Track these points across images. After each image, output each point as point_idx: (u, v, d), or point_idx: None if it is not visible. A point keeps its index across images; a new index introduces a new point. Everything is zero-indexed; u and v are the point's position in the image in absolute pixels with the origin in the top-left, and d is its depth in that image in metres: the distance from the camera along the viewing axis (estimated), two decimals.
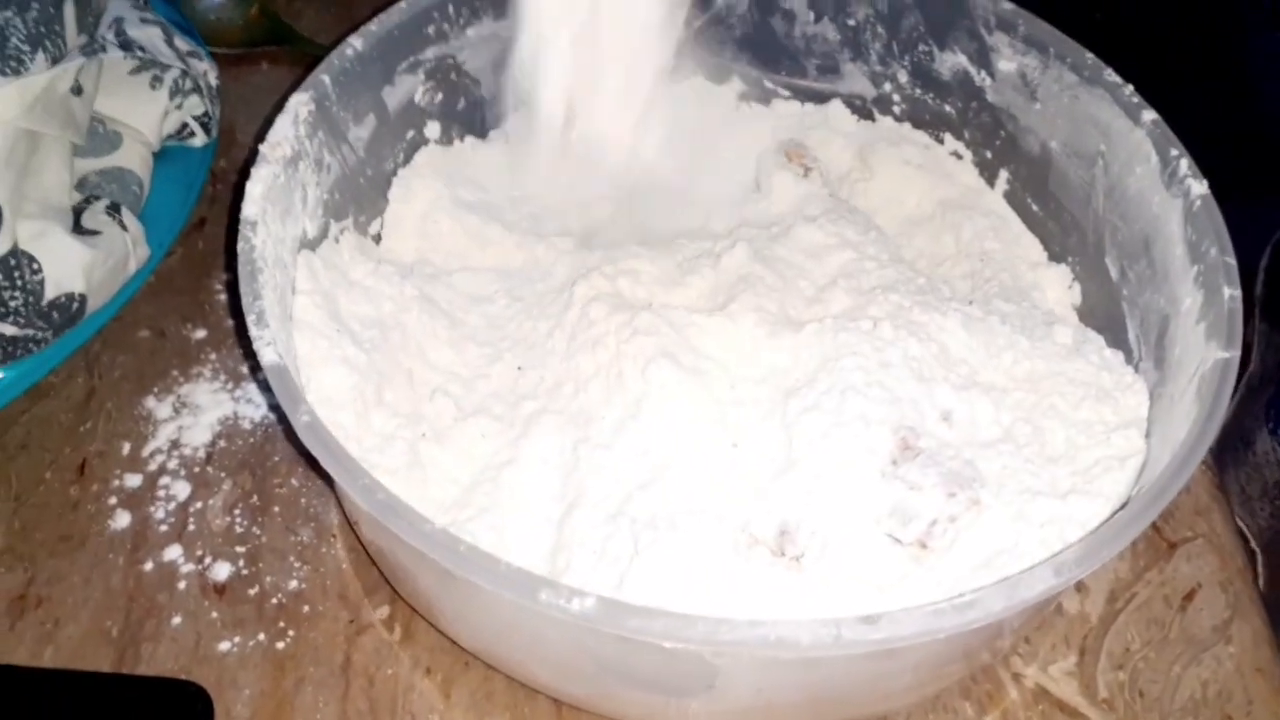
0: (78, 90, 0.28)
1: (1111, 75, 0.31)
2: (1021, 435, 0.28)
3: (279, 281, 0.27)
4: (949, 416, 0.28)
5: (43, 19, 0.27)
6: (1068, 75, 0.33)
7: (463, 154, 0.38)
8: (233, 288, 0.37)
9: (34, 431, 0.33)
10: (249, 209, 0.27)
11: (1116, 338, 0.32)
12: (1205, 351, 0.25)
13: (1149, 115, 0.30)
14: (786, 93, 0.40)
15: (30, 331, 0.28)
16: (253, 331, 0.24)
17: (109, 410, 0.34)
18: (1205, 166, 0.29)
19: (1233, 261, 0.27)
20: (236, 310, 0.36)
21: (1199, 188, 0.28)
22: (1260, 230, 0.58)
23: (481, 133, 0.38)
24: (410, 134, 0.36)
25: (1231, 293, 0.26)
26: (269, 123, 0.30)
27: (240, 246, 0.25)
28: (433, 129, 0.37)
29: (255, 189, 0.27)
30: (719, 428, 0.28)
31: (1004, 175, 0.37)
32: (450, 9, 0.34)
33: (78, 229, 0.29)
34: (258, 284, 0.25)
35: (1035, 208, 0.36)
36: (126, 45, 0.30)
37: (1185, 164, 0.29)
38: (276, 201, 0.28)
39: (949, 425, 0.28)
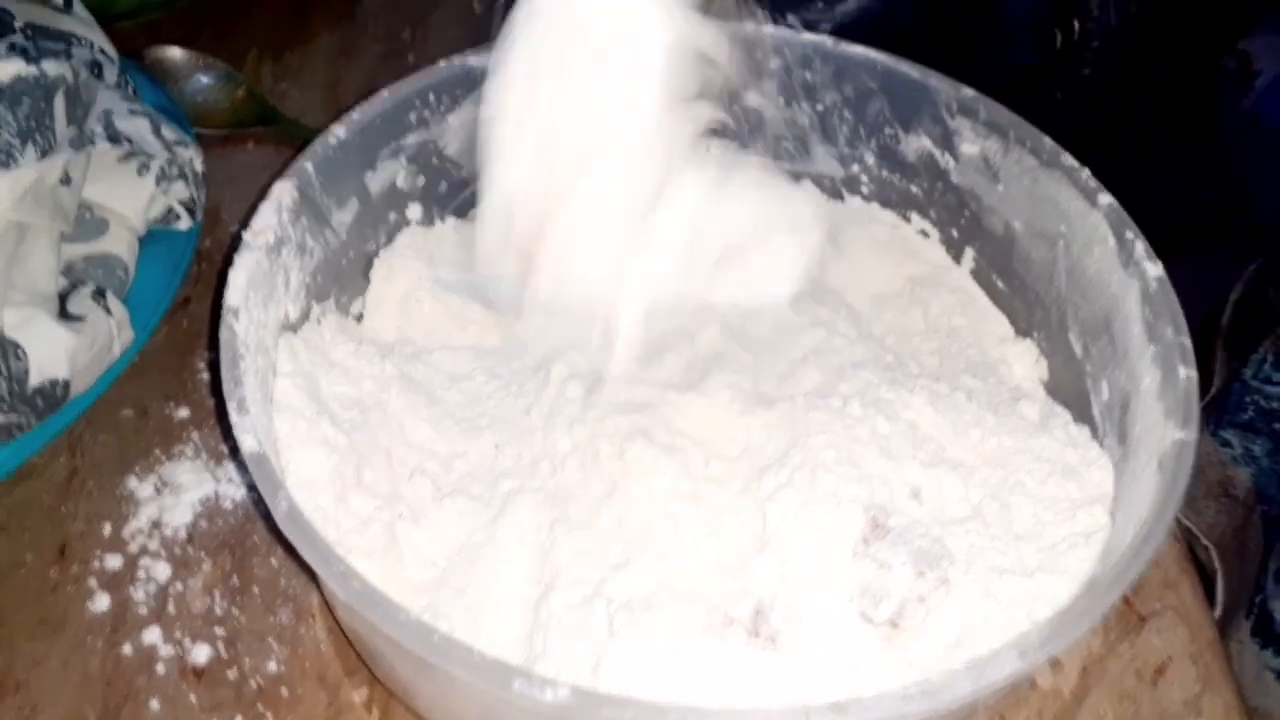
0: (66, 180, 0.29)
1: (1069, 159, 0.33)
2: (989, 512, 0.29)
3: (260, 366, 0.28)
4: (918, 494, 0.29)
5: (33, 114, 0.27)
6: (1027, 159, 0.34)
7: (444, 234, 0.38)
8: (215, 368, 0.37)
9: (15, 513, 0.33)
10: (232, 296, 0.28)
11: (1082, 413, 0.33)
12: (1164, 430, 0.26)
13: (1105, 199, 0.31)
14: (759, 170, 0.41)
15: (14, 418, 0.28)
16: (233, 419, 0.24)
17: (90, 490, 0.34)
18: (1177, 220, 0.30)
19: (1188, 343, 0.27)
20: (219, 389, 0.37)
21: (1154, 269, 0.29)
22: (1224, 273, 0.60)
23: (462, 213, 0.39)
24: (392, 216, 0.37)
25: (1187, 373, 0.27)
26: (253, 208, 0.30)
27: (223, 334, 0.26)
28: (414, 210, 0.37)
29: (238, 276, 0.28)
30: (694, 506, 0.28)
31: (970, 253, 0.38)
32: (431, 97, 0.36)
33: (63, 314, 0.29)
34: (239, 370, 0.25)
35: (1001, 284, 0.37)
36: (115, 138, 0.31)
37: (1140, 246, 0.30)
38: (259, 287, 0.29)
39: (918, 502, 0.28)
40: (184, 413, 0.36)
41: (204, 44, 0.51)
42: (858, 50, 0.37)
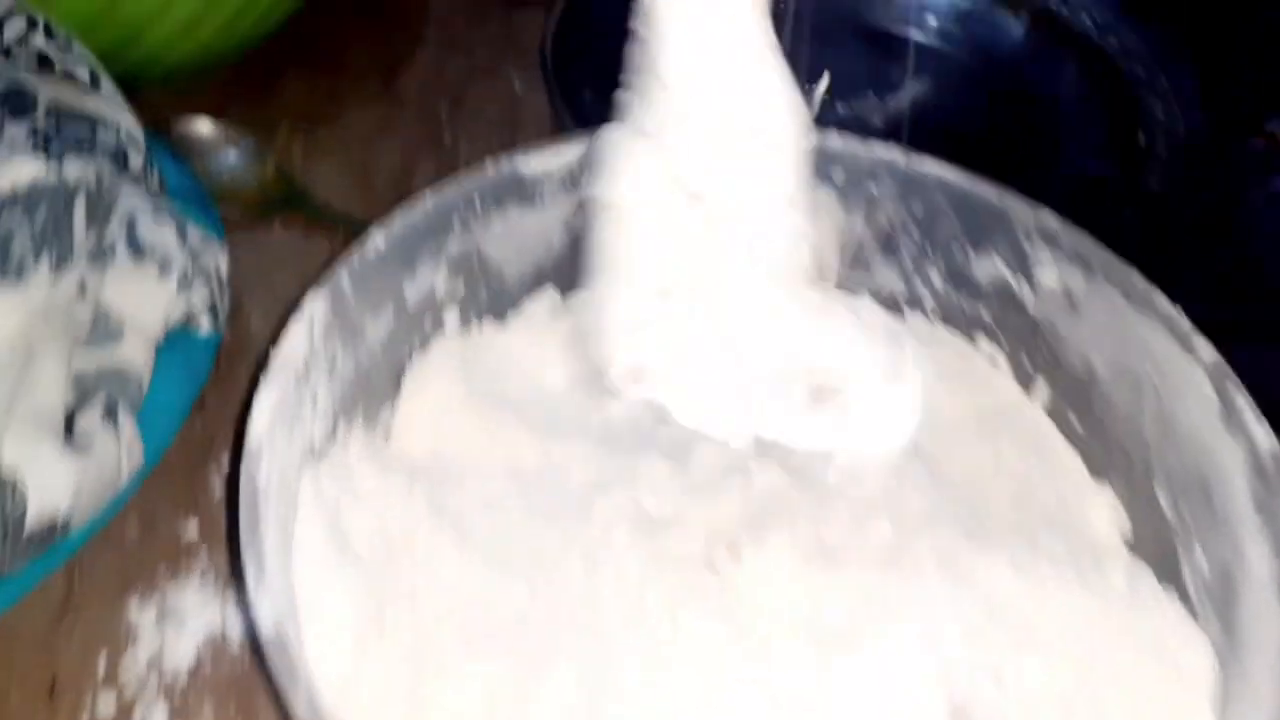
0: (81, 289, 0.27)
1: (1164, 303, 0.30)
2: (1079, 701, 0.26)
3: (280, 511, 0.25)
4: (1001, 679, 0.26)
5: (50, 222, 0.25)
6: (1115, 297, 0.31)
7: (480, 341, 0.36)
8: (231, 482, 0.35)
9: (1, 642, 0.30)
10: (255, 436, 0.25)
11: (1169, 573, 0.30)
12: None
13: (1207, 351, 0.29)
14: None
15: (3, 564, 0.26)
16: (250, 589, 0.22)
17: (86, 617, 0.31)
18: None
19: None
20: (233, 503, 0.34)
21: (1267, 439, 0.27)
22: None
23: (501, 315, 0.37)
24: (428, 323, 0.34)
25: None
26: (283, 322, 0.28)
27: (243, 485, 0.24)
28: (451, 316, 0.35)
29: (263, 412, 0.26)
30: (753, 686, 0.25)
31: (1043, 385, 0.35)
32: (476, 200, 0.33)
33: (69, 433, 0.27)
34: (259, 532, 0.23)
35: (1077, 424, 0.34)
36: (138, 249, 0.29)
37: (1249, 410, 0.27)
38: (285, 419, 0.26)
39: (1002, 689, 0.26)
40: (193, 527, 0.34)
41: (234, 114, 0.49)
42: (929, 167, 0.35)
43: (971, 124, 0.52)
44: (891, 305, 0.38)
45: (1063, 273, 0.33)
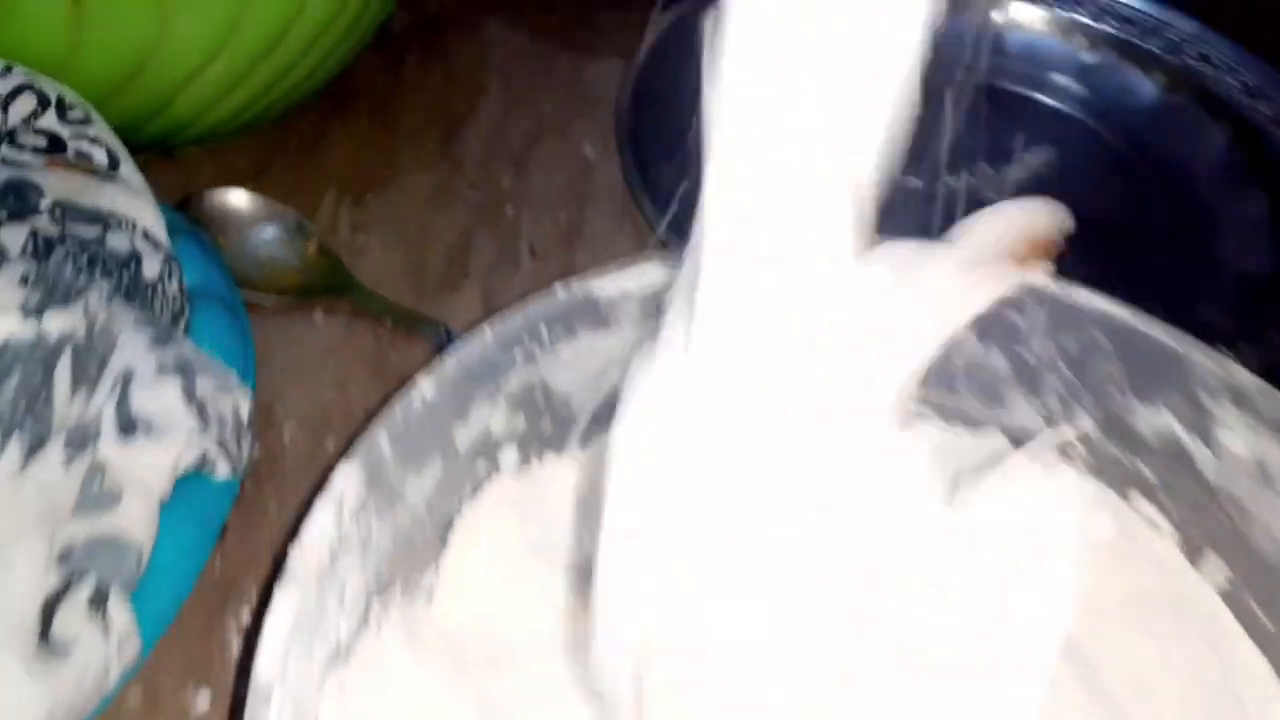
0: (65, 464, 0.22)
1: None
2: None
3: None
4: None
5: (23, 391, 0.21)
6: None
7: (538, 480, 0.31)
8: (249, 640, 0.30)
9: None
10: (265, 662, 0.20)
11: None
12: None
13: None
14: (933, 413, 0.33)
15: None
16: None
17: None
18: None
19: None
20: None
21: None
22: None
23: (566, 449, 0.32)
24: (481, 467, 0.29)
25: None
26: (306, 505, 0.23)
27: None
28: (509, 457, 0.30)
29: (277, 630, 0.21)
30: None
31: (1219, 564, 0.29)
32: (543, 329, 0.28)
33: (45, 637, 0.22)
34: None
35: (1265, 620, 0.28)
36: (128, 426, 0.24)
37: None
38: (304, 629, 0.22)
39: None
40: (204, 699, 0.29)
41: (275, 178, 0.44)
42: (1088, 299, 0.29)
43: (1100, 204, 0.46)
44: (1031, 454, 0.32)
45: (1255, 441, 0.27)
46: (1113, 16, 0.51)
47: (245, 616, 0.31)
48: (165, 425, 0.24)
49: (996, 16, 0.52)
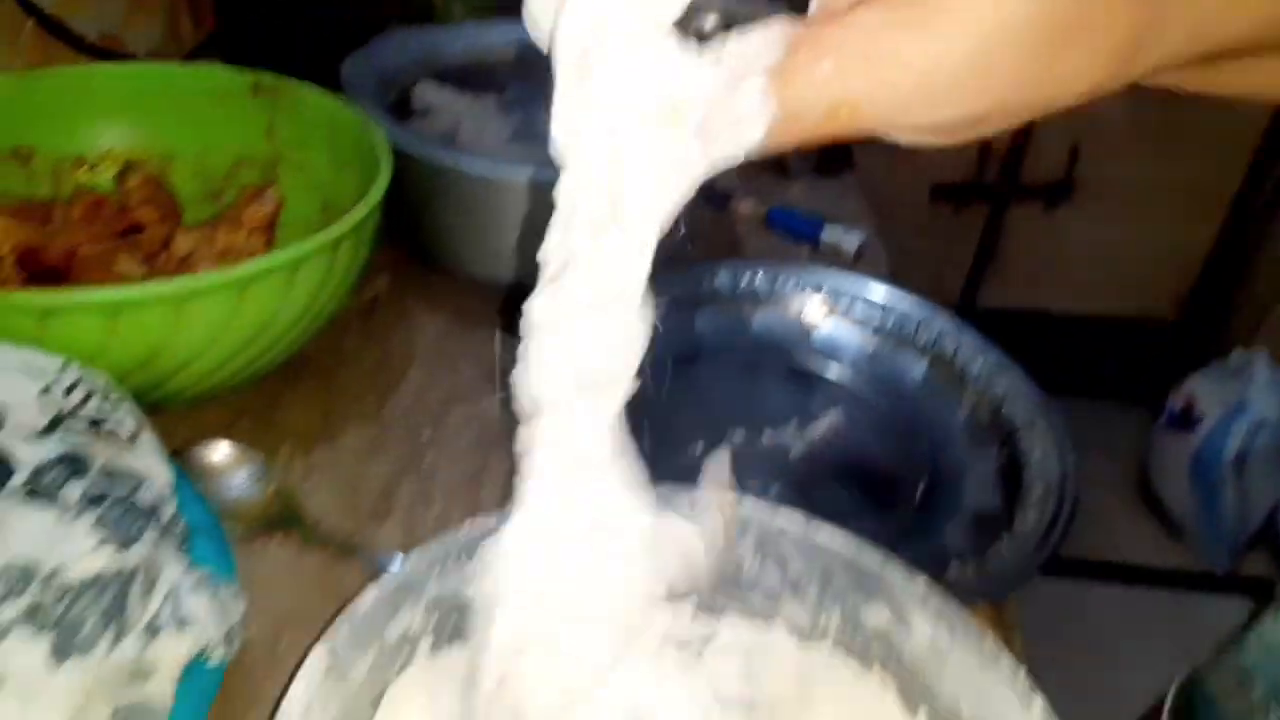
0: (131, 654, 0.33)
1: (1007, 660, 0.37)
2: None
3: None
4: None
5: (114, 604, 0.32)
6: (971, 653, 0.38)
7: (448, 663, 0.42)
8: None
9: None
10: None
11: None
12: None
13: (1038, 702, 0.36)
14: (736, 610, 0.45)
15: None
16: None
17: None
18: None
19: None
20: None
21: None
22: None
23: (464, 640, 0.43)
24: (404, 653, 0.41)
25: None
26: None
27: None
28: (424, 645, 0.41)
29: None
30: None
31: (924, 712, 0.42)
32: (459, 554, 0.40)
33: None
34: None
35: None
36: (180, 621, 0.35)
37: None
38: None
39: None
40: None
41: (242, 432, 0.57)
42: (824, 534, 0.42)
43: (880, 454, 0.61)
44: (803, 636, 0.45)
45: (932, 629, 0.40)
46: (892, 314, 0.69)
47: None
48: (200, 622, 0.35)
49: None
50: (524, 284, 0.37)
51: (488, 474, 0.57)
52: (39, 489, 0.38)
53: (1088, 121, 2.04)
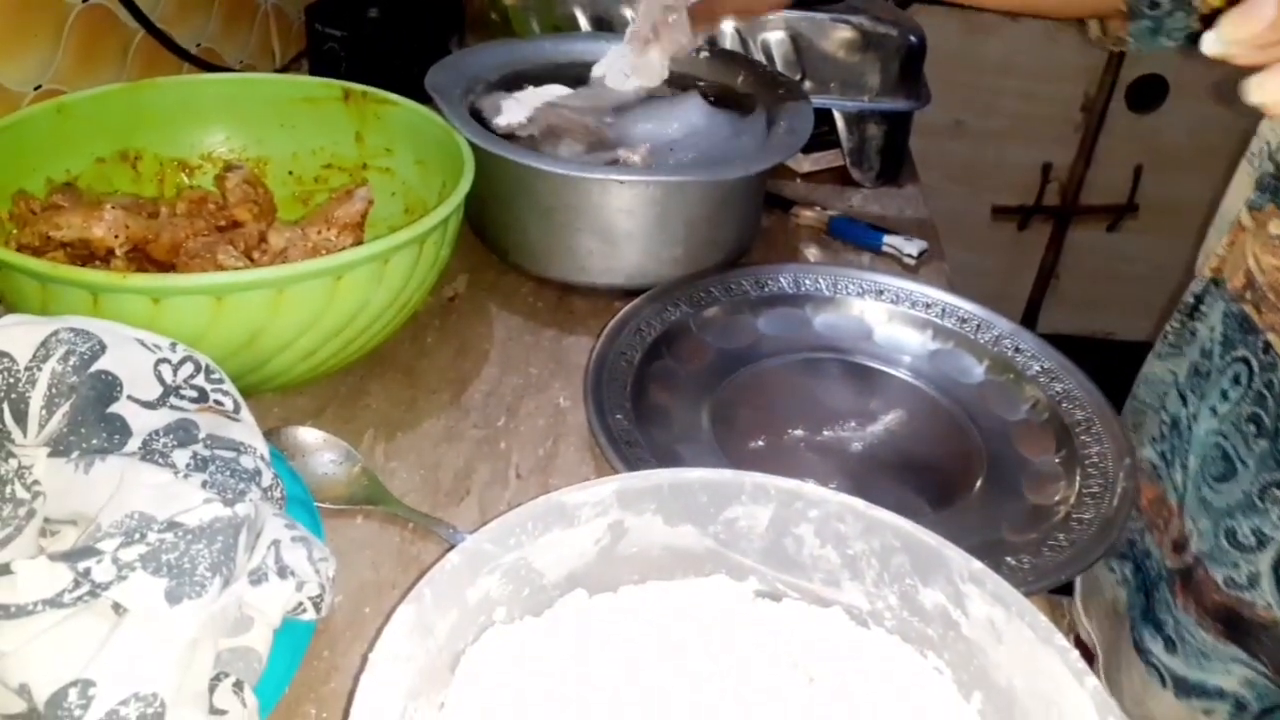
0: (237, 599, 0.36)
1: (1060, 640, 0.39)
2: None
3: None
4: None
5: (224, 550, 0.35)
6: (1026, 631, 0.40)
7: (523, 631, 0.45)
8: None
9: None
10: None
11: None
12: None
13: (1090, 681, 0.37)
14: (796, 594, 0.47)
15: None
16: None
17: None
18: None
19: None
20: None
21: None
22: None
23: (538, 612, 0.45)
24: (481, 619, 0.43)
25: None
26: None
27: None
28: (500, 613, 0.44)
29: (365, 701, 0.34)
30: None
31: (978, 696, 0.43)
32: (530, 524, 0.43)
33: (211, 710, 0.35)
34: None
35: None
36: (284, 573, 0.38)
37: None
38: (377, 703, 0.35)
39: None
40: None
41: (329, 419, 0.60)
42: (885, 515, 0.44)
43: (939, 450, 0.62)
44: (859, 620, 0.46)
45: (988, 608, 0.41)
46: (953, 316, 0.70)
47: (310, 712, 0.43)
48: (298, 573, 0.38)
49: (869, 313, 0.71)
50: (595, 286, 0.40)
51: (558, 459, 0.59)
52: (152, 452, 0.41)
53: (1151, 143, 2.02)
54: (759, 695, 0.43)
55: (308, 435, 0.56)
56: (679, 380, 0.65)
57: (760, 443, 0.62)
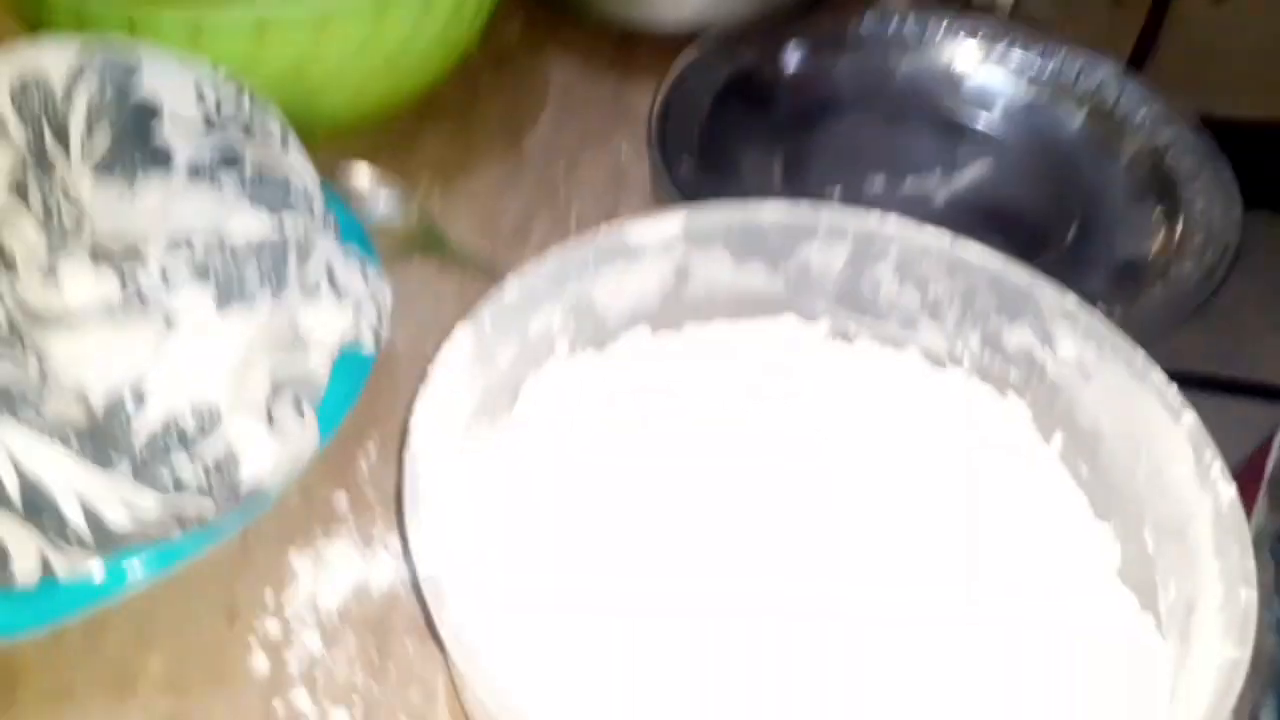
0: (289, 314, 0.35)
1: (1158, 375, 0.36)
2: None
3: (431, 481, 0.33)
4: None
5: (274, 261, 0.33)
6: (1120, 368, 0.37)
7: (582, 363, 0.43)
8: (375, 467, 0.43)
9: (193, 575, 0.38)
10: (419, 435, 0.33)
11: (1148, 602, 0.35)
12: (1221, 646, 0.29)
13: (1189, 417, 0.35)
14: (869, 335, 0.45)
15: (220, 517, 0.34)
16: (412, 540, 0.29)
17: (258, 564, 0.39)
18: None
19: (1252, 565, 0.30)
20: (376, 484, 0.42)
21: (1227, 491, 0.32)
22: None
23: (601, 345, 0.44)
24: (543, 350, 0.42)
25: (1248, 594, 0.30)
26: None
27: (407, 466, 0.31)
28: (562, 345, 0.42)
29: (426, 412, 0.33)
30: None
31: (1059, 438, 0.41)
32: (590, 259, 0.41)
33: (271, 421, 0.35)
34: (417, 495, 0.30)
35: (1086, 472, 0.40)
36: (335, 288, 0.37)
37: (1217, 467, 0.33)
38: (437, 413, 0.34)
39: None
40: (343, 500, 0.42)
41: (382, 164, 0.57)
42: (973, 251, 0.41)
43: (1028, 203, 0.58)
44: (935, 360, 0.44)
45: (1079, 347, 0.39)
46: (1047, 62, 0.64)
47: (371, 451, 0.44)
48: (352, 293, 0.37)
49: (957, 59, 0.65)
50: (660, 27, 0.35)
51: (620, 212, 0.57)
52: (199, 173, 0.39)
53: None
54: (826, 438, 0.42)
55: (362, 175, 0.54)
56: (749, 130, 0.61)
57: (835, 192, 0.58)
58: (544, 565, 0.35)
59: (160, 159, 0.41)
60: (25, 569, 0.30)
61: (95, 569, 0.34)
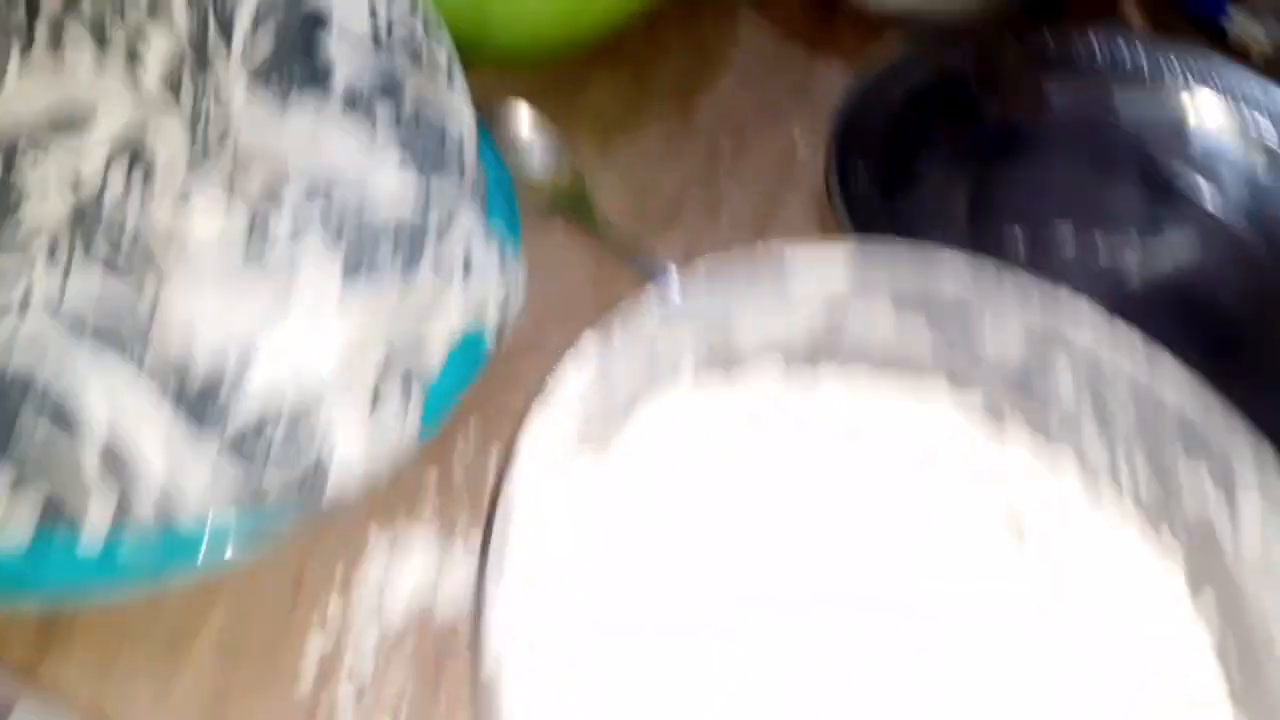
0: (414, 292, 0.33)
1: None
2: None
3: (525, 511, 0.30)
4: None
5: (411, 236, 0.31)
6: None
7: (705, 395, 0.40)
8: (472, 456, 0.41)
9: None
10: (521, 484, 0.30)
11: None
12: None
13: None
14: (1023, 420, 0.41)
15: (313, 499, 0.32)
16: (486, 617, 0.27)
17: (333, 535, 0.38)
18: None
19: None
20: (468, 467, 0.41)
21: None
22: None
23: (728, 370, 0.40)
24: (664, 371, 0.39)
25: None
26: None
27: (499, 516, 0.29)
28: (686, 367, 0.39)
29: (533, 433, 0.31)
30: None
31: (1210, 597, 0.36)
32: (739, 279, 0.37)
33: (375, 402, 0.33)
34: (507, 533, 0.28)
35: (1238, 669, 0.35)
36: (469, 270, 0.34)
37: None
38: (545, 437, 0.32)
39: None
40: (433, 478, 0.40)
41: (544, 107, 0.54)
42: (1166, 368, 0.36)
43: (1232, 300, 0.52)
44: (1090, 470, 0.40)
45: (1266, 523, 0.34)
46: None
47: (470, 431, 0.41)
48: (486, 276, 0.35)
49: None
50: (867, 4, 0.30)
51: (778, 207, 0.53)
52: (355, 98, 0.37)
53: None
54: (953, 540, 0.38)
55: (522, 120, 0.51)
56: (939, 144, 0.56)
57: (1016, 233, 0.52)
58: (622, 634, 0.33)
59: (319, 78, 0.39)
60: (95, 522, 0.29)
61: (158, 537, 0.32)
